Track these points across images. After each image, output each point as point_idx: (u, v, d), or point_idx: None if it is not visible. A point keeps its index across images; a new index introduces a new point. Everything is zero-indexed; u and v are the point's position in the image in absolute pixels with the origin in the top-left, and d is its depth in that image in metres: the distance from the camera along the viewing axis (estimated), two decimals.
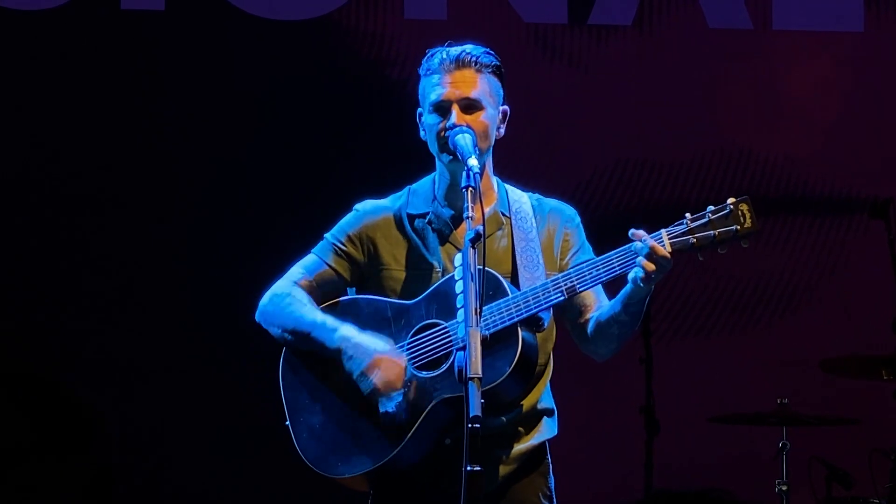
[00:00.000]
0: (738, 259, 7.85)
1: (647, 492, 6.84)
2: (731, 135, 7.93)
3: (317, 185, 7.70)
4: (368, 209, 4.59)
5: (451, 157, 4.41)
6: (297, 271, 4.57)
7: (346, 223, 4.59)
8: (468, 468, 3.88)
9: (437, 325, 4.37)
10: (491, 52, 4.56)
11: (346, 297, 4.54)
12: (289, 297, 4.51)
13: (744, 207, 4.50)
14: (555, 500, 4.60)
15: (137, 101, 7.73)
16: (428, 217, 4.54)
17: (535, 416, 4.55)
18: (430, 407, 4.31)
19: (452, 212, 4.52)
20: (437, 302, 4.39)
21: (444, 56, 4.51)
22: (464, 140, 4.43)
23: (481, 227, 4.16)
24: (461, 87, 4.45)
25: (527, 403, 4.51)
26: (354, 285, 4.55)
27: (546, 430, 4.60)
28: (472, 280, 4.08)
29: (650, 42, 7.95)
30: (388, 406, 4.33)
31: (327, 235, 4.60)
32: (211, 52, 7.78)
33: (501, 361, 4.23)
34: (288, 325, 4.49)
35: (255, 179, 7.75)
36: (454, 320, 4.25)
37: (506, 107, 4.55)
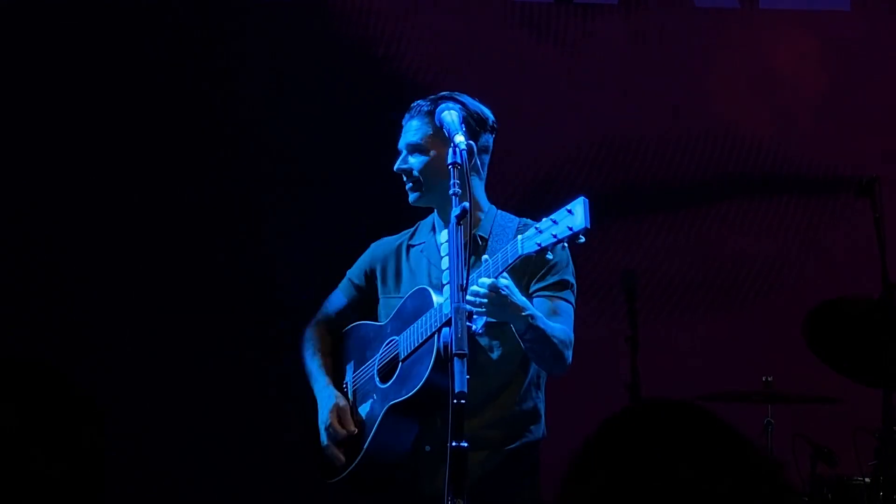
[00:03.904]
0: (724, 238, 7.88)
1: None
2: (718, 114, 7.93)
3: (302, 165, 7.70)
4: (377, 245, 5.11)
5: (417, 194, 4.84)
6: (324, 308, 5.22)
7: (360, 260, 5.14)
8: (454, 444, 3.90)
9: (394, 340, 4.81)
10: (450, 95, 4.78)
11: (351, 325, 5.13)
12: (308, 341, 5.17)
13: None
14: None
15: (123, 84, 7.72)
16: (420, 246, 4.93)
17: (509, 422, 4.70)
18: (382, 412, 4.70)
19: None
20: (398, 319, 4.82)
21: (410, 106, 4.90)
22: (450, 116, 4.48)
23: (467, 204, 4.19)
24: (406, 135, 4.85)
25: (496, 410, 4.68)
26: (368, 311, 5.07)
27: (529, 433, 4.74)
28: (457, 256, 4.11)
29: (637, 21, 7.94)
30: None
31: (348, 273, 5.17)
32: (196, 32, 7.76)
33: (422, 367, 4.62)
34: (302, 364, 5.15)
35: (241, 159, 7.74)
36: (403, 334, 4.73)
37: (471, 143, 4.63)
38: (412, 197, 4.84)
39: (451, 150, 4.36)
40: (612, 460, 1.99)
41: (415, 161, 4.80)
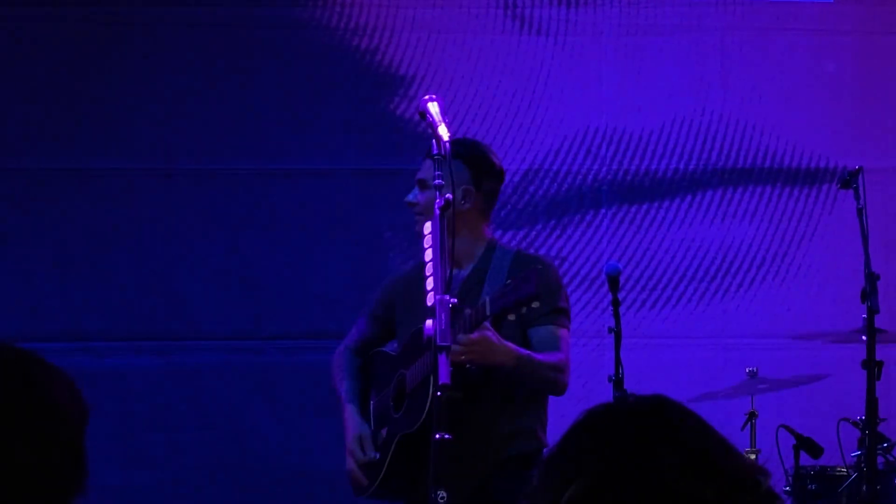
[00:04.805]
0: (707, 230, 7.88)
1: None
2: (701, 105, 7.93)
3: (280, 153, 7.68)
4: (391, 276, 5.40)
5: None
6: (352, 334, 5.40)
7: (377, 292, 5.37)
8: (437, 436, 3.90)
9: (402, 374, 4.96)
10: (460, 141, 5.00)
11: (374, 351, 5.30)
12: (339, 364, 5.35)
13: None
14: None
15: (116, 68, 7.71)
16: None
17: (500, 437, 4.80)
18: (395, 443, 4.88)
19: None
20: (407, 352, 4.97)
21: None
22: (433, 108, 4.48)
23: (450, 196, 4.19)
24: (421, 171, 5.08)
25: (489, 426, 4.79)
26: (391, 337, 5.27)
27: (527, 443, 4.83)
28: (440, 248, 4.11)
29: (620, 11, 7.93)
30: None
31: (368, 302, 5.41)
32: (173, 17, 7.72)
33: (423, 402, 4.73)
34: (333, 384, 5.35)
35: (215, 147, 7.71)
36: (410, 368, 4.87)
37: (468, 187, 4.96)
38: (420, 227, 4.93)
39: (434, 141, 4.36)
40: (590, 468, 1.96)
41: (422, 197, 5.00)
